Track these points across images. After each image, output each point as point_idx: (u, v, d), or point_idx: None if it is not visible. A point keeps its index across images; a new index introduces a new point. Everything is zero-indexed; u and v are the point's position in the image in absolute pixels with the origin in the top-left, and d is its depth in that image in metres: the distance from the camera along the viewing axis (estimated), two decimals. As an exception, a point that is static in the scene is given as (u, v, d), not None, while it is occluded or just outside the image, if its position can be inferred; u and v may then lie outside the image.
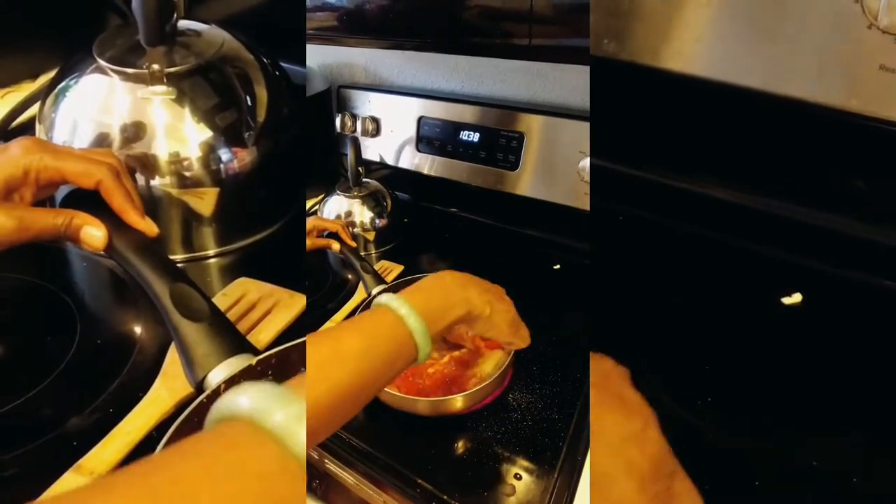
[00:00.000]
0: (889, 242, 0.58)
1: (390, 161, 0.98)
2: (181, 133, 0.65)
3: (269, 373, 0.41)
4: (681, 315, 0.59)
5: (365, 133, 0.97)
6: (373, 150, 0.99)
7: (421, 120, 0.92)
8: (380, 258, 0.84)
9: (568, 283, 0.77)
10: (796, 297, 0.60)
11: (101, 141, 0.64)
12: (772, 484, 0.43)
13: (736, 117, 0.62)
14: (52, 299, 0.60)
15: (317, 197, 0.93)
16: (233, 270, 0.68)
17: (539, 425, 0.53)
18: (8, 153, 0.42)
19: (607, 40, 0.64)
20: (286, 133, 0.74)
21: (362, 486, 0.50)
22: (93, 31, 0.70)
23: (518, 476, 0.48)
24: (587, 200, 0.76)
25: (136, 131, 0.63)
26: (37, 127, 0.69)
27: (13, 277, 0.63)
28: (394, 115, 0.95)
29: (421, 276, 0.70)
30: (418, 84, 0.98)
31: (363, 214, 0.86)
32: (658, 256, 0.65)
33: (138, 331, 0.57)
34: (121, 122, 0.63)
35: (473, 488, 0.47)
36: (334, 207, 0.87)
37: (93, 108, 0.65)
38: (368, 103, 0.97)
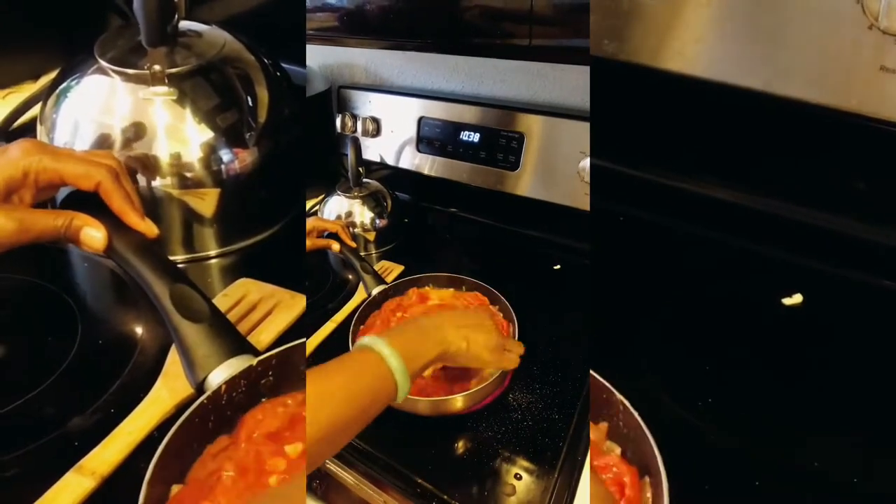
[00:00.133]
0: (889, 242, 0.58)
1: (391, 161, 0.98)
2: (182, 134, 0.65)
3: (270, 373, 0.42)
4: (681, 315, 0.59)
5: (365, 133, 0.97)
6: (373, 150, 0.99)
7: (421, 120, 0.92)
8: (380, 258, 0.84)
9: (568, 283, 0.77)
10: (796, 298, 0.60)
11: (102, 142, 0.64)
12: (772, 484, 0.43)
13: (736, 118, 0.62)
14: (53, 300, 0.60)
15: (317, 197, 0.93)
16: (234, 271, 0.68)
17: (539, 425, 0.53)
18: (7, 155, 0.42)
19: (607, 41, 0.64)
20: (287, 134, 0.74)
21: (362, 486, 0.50)
22: (94, 31, 0.70)
23: (518, 476, 0.48)
24: (587, 200, 0.76)
25: (138, 132, 0.64)
26: (38, 128, 0.69)
27: (14, 278, 0.63)
28: (394, 115, 0.95)
29: (422, 276, 0.71)
30: (419, 84, 0.98)
31: (363, 215, 0.86)
32: (658, 257, 0.65)
33: (139, 331, 0.57)
34: (122, 123, 0.63)
35: (473, 488, 0.47)
36: (335, 208, 0.87)
37: (94, 109, 0.65)
38: (369, 104, 0.97)
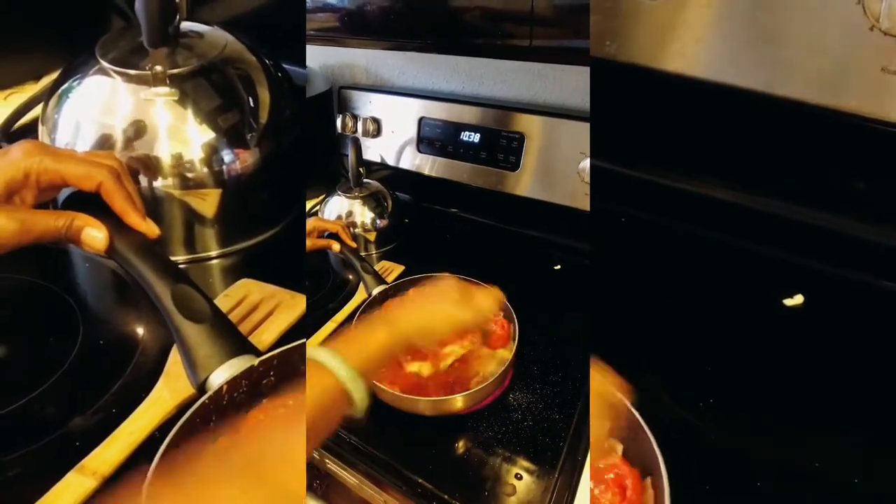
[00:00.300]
0: (889, 242, 0.58)
1: (391, 162, 0.98)
2: (184, 134, 0.65)
3: (272, 374, 0.42)
4: (681, 315, 0.59)
5: (366, 134, 0.97)
6: (373, 150, 0.99)
7: (422, 121, 0.92)
8: (380, 258, 0.84)
9: (568, 284, 0.77)
10: (797, 299, 0.60)
11: (103, 142, 0.64)
12: (772, 484, 0.43)
13: (737, 118, 0.62)
14: (54, 300, 0.60)
15: (318, 197, 0.93)
16: (235, 272, 0.68)
17: (539, 425, 0.53)
18: (8, 156, 0.42)
19: (608, 41, 0.64)
20: (288, 134, 0.74)
21: (363, 486, 0.50)
22: (96, 32, 0.70)
23: (519, 476, 0.48)
24: (587, 201, 0.76)
25: (139, 132, 0.64)
26: (40, 128, 0.69)
27: (16, 278, 0.63)
28: (395, 115, 0.95)
29: (422, 276, 0.71)
30: (419, 85, 0.98)
31: (364, 215, 0.86)
32: (658, 257, 0.65)
33: (141, 331, 0.57)
34: (123, 124, 0.64)
35: (474, 488, 0.47)
36: (335, 208, 0.87)
37: (95, 110, 0.65)
38: (369, 104, 0.97)
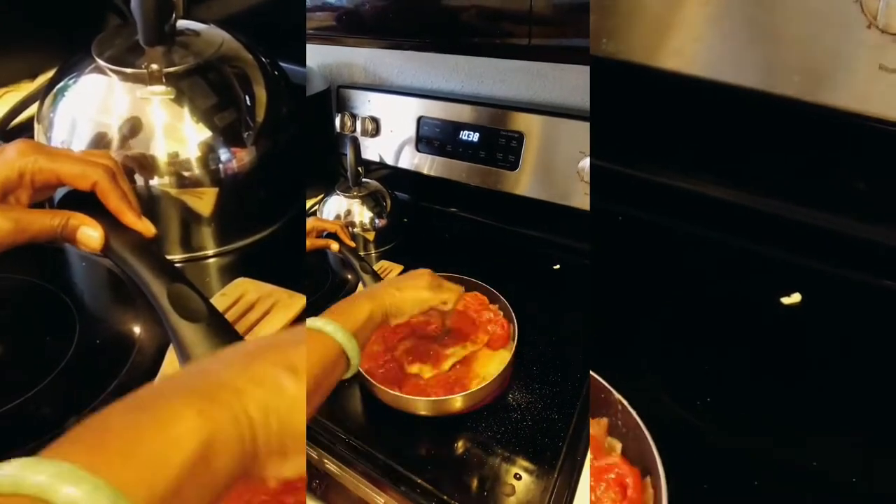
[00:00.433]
0: (889, 242, 0.58)
1: (390, 161, 0.98)
2: (180, 133, 0.64)
3: (268, 373, 0.41)
4: (681, 315, 0.59)
5: (364, 133, 0.97)
6: (372, 149, 0.99)
7: (420, 120, 0.92)
8: (379, 258, 0.84)
9: (568, 283, 0.77)
10: (796, 297, 0.60)
11: (99, 140, 0.63)
12: (772, 484, 0.43)
13: (735, 117, 0.62)
14: (51, 299, 0.60)
15: (316, 197, 0.93)
16: (232, 270, 0.68)
17: (539, 425, 0.53)
18: (3, 156, 0.42)
19: (606, 40, 0.63)
20: (285, 133, 0.74)
21: (362, 486, 0.50)
22: (92, 30, 0.70)
23: (518, 476, 0.48)
24: (587, 200, 0.76)
25: (135, 131, 0.63)
26: (35, 126, 0.69)
27: (12, 277, 0.63)
28: (393, 114, 0.95)
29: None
30: (418, 84, 0.98)
31: (363, 214, 0.86)
32: (658, 256, 0.65)
33: (137, 331, 0.57)
34: (119, 122, 0.63)
35: (473, 488, 0.47)
36: (334, 207, 0.87)
37: (91, 108, 0.65)
38: (368, 103, 0.97)
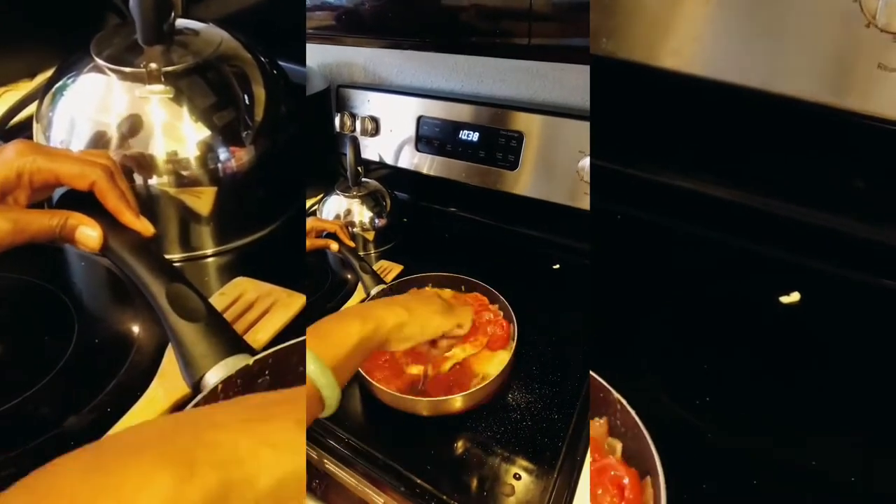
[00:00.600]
0: (889, 242, 0.58)
1: (389, 161, 0.98)
2: (179, 132, 0.64)
3: (266, 373, 0.41)
4: (681, 315, 0.59)
5: (364, 132, 0.97)
6: (372, 149, 0.99)
7: (420, 119, 0.92)
8: (379, 258, 0.84)
9: (568, 283, 0.77)
10: (795, 297, 0.60)
11: (98, 140, 0.63)
12: (771, 484, 0.43)
13: (735, 116, 0.62)
14: (50, 299, 0.60)
15: (316, 197, 0.93)
16: (231, 270, 0.68)
17: (538, 425, 0.53)
18: (1, 157, 0.42)
19: (606, 39, 0.63)
20: (284, 132, 0.74)
21: (362, 486, 0.50)
22: (91, 29, 0.70)
23: (517, 476, 0.48)
24: (587, 200, 0.76)
25: (134, 130, 0.63)
26: (34, 126, 0.69)
27: (11, 277, 0.63)
28: (393, 114, 0.95)
29: (421, 275, 0.71)
30: (417, 83, 0.98)
31: (362, 214, 0.86)
32: (658, 256, 0.65)
33: (136, 330, 0.57)
34: (118, 121, 0.63)
35: (473, 488, 0.47)
36: (333, 207, 0.87)
37: (90, 107, 0.64)
38: (367, 103, 0.97)
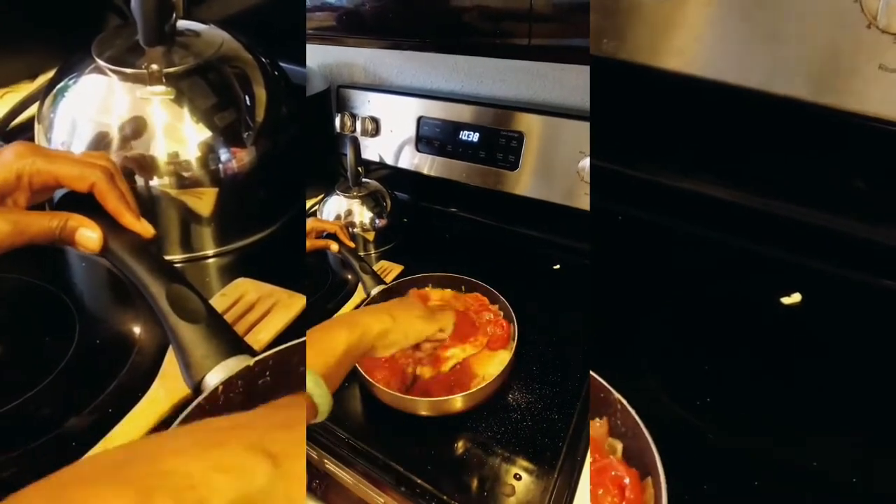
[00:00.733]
0: (889, 242, 0.58)
1: (390, 161, 0.98)
2: (180, 133, 0.64)
3: (267, 374, 0.41)
4: (681, 315, 0.59)
5: (364, 133, 0.97)
6: (372, 149, 0.99)
7: (420, 120, 0.92)
8: (379, 258, 0.84)
9: (568, 283, 0.77)
10: (796, 297, 0.60)
11: (99, 141, 0.63)
12: (772, 484, 0.43)
13: (736, 117, 0.62)
14: (51, 299, 0.60)
15: (316, 197, 0.93)
16: (232, 271, 0.68)
17: (539, 425, 0.53)
18: (1, 158, 0.42)
19: (607, 40, 0.63)
20: (285, 133, 0.74)
21: (362, 486, 0.50)
22: (92, 31, 0.70)
23: (518, 476, 0.48)
24: (587, 200, 0.76)
25: (135, 131, 0.63)
26: (35, 127, 0.69)
27: (12, 278, 0.63)
28: (393, 114, 0.95)
29: (421, 276, 0.71)
30: (418, 84, 0.98)
31: (363, 214, 0.86)
32: (658, 256, 0.65)
33: (137, 331, 0.57)
34: (119, 123, 0.63)
35: (473, 488, 0.47)
36: (334, 207, 0.87)
37: (91, 109, 0.64)
38: (368, 103, 0.97)
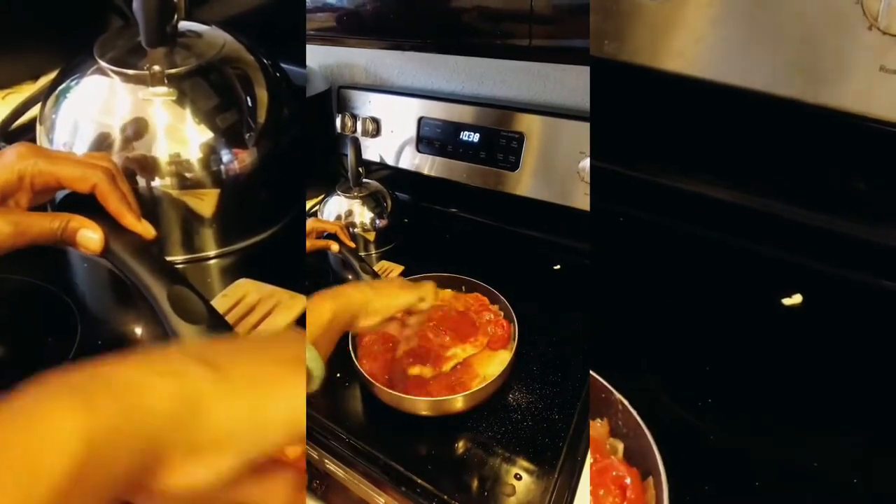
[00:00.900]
0: (889, 242, 0.58)
1: (390, 161, 0.98)
2: (182, 134, 0.65)
3: (269, 373, 0.41)
4: (681, 315, 0.59)
5: (365, 133, 0.97)
6: (373, 150, 0.99)
7: (421, 120, 0.92)
8: (380, 258, 0.84)
9: (568, 283, 0.77)
10: (796, 298, 0.60)
11: (101, 142, 0.64)
12: (772, 484, 0.43)
13: (737, 118, 0.62)
14: (52, 300, 0.60)
15: (317, 197, 0.93)
16: (233, 272, 0.68)
17: (539, 425, 0.53)
18: (2, 159, 0.42)
19: (607, 41, 0.64)
20: (286, 134, 0.74)
21: (362, 486, 0.50)
22: (94, 32, 0.70)
23: (518, 476, 0.48)
24: (587, 201, 0.76)
25: (137, 132, 0.63)
26: (37, 128, 0.69)
27: (14, 278, 0.63)
28: (394, 115, 0.95)
29: (421, 276, 0.71)
30: (418, 84, 0.98)
31: (363, 215, 0.86)
32: (658, 257, 0.65)
33: (139, 332, 0.57)
34: (121, 123, 0.63)
35: (474, 488, 0.47)
36: (335, 208, 0.87)
37: (94, 110, 0.65)
38: (369, 104, 0.97)
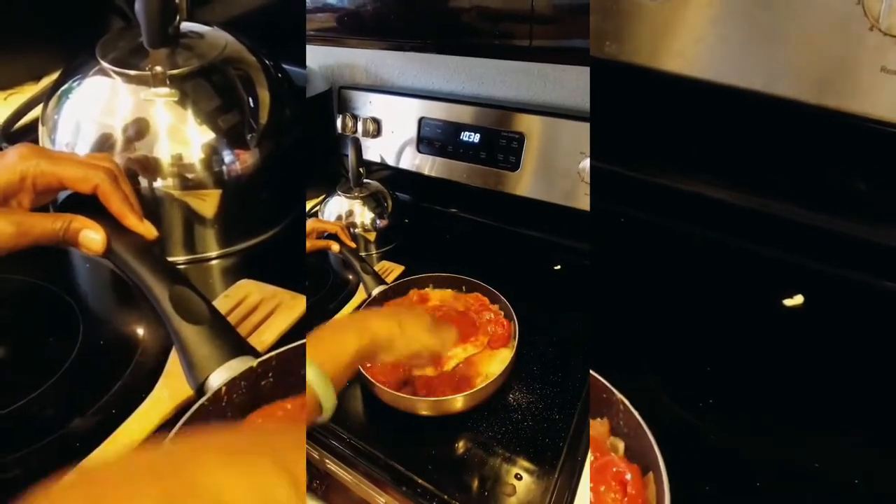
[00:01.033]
0: (889, 242, 0.58)
1: (391, 162, 0.98)
2: (183, 135, 0.65)
3: (270, 375, 0.42)
4: (681, 315, 0.59)
5: (366, 134, 0.97)
6: (373, 150, 0.99)
7: (422, 121, 0.92)
8: (380, 259, 0.84)
9: (568, 284, 0.77)
10: (797, 299, 0.60)
11: (103, 142, 0.64)
12: (772, 484, 0.43)
13: (737, 118, 0.62)
14: (54, 300, 0.60)
15: (318, 198, 0.93)
16: (235, 272, 0.68)
17: (539, 425, 0.53)
18: (4, 160, 0.42)
19: (608, 41, 0.64)
20: (288, 135, 0.74)
21: (362, 486, 0.50)
22: (96, 33, 0.70)
23: (518, 476, 0.48)
24: (587, 201, 0.76)
25: (139, 133, 0.64)
26: (40, 129, 0.69)
27: (16, 279, 0.63)
28: (394, 115, 0.95)
29: (422, 276, 0.71)
30: (419, 85, 0.98)
31: (364, 215, 0.86)
32: (658, 257, 0.65)
33: (141, 332, 0.57)
34: (123, 124, 0.64)
35: (474, 488, 0.47)
36: (335, 208, 0.87)
37: (95, 110, 0.65)
38: (369, 104, 0.97)
